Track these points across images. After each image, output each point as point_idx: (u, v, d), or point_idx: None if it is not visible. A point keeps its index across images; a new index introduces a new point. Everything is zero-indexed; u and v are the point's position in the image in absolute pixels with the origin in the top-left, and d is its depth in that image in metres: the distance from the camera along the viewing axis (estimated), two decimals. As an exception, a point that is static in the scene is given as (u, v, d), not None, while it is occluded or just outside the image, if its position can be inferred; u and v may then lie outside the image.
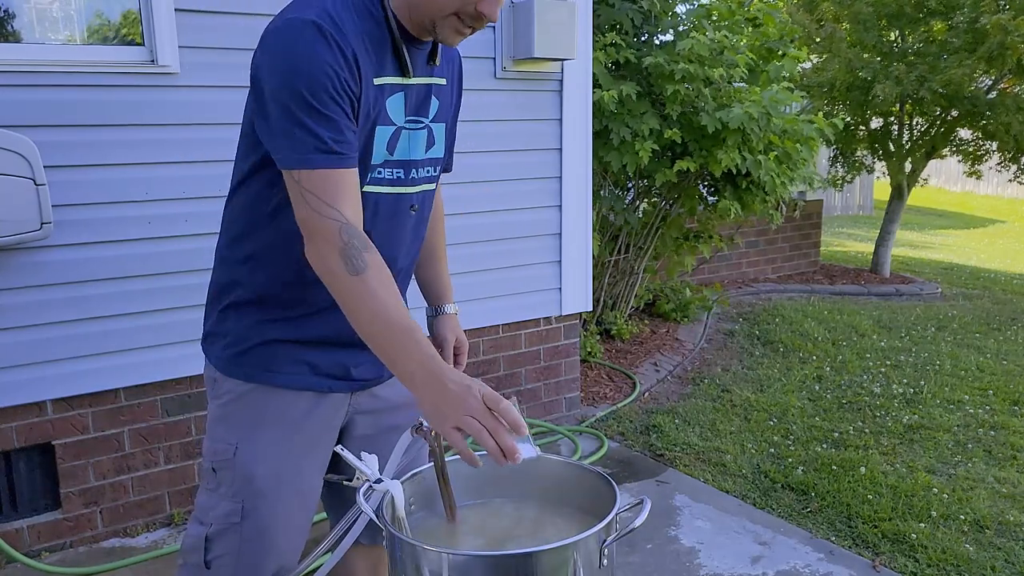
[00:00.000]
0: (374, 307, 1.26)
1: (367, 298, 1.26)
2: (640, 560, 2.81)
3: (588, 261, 3.99)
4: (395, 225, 1.49)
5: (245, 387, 1.49)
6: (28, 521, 2.84)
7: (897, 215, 7.83)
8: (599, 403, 4.35)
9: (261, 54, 1.32)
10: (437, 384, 1.20)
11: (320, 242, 1.28)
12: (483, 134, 3.53)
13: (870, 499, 3.23)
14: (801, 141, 4.80)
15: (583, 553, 1.17)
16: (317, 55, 1.27)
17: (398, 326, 1.25)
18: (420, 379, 1.22)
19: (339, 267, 1.27)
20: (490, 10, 1.33)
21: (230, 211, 1.50)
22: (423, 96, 1.48)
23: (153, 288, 2.88)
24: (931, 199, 15.54)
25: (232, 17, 2.89)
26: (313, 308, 1.48)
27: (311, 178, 1.28)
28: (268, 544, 1.50)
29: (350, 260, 1.26)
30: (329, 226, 1.27)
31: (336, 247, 1.27)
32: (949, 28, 6.69)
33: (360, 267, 1.26)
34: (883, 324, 6.00)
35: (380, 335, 1.26)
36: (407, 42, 1.41)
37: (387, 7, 1.37)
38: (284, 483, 1.50)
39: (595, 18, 4.43)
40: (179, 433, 3.05)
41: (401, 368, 1.25)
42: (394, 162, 1.45)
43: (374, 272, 1.27)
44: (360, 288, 1.27)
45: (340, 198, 1.28)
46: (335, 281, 1.29)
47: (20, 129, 2.56)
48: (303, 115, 1.26)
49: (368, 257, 1.28)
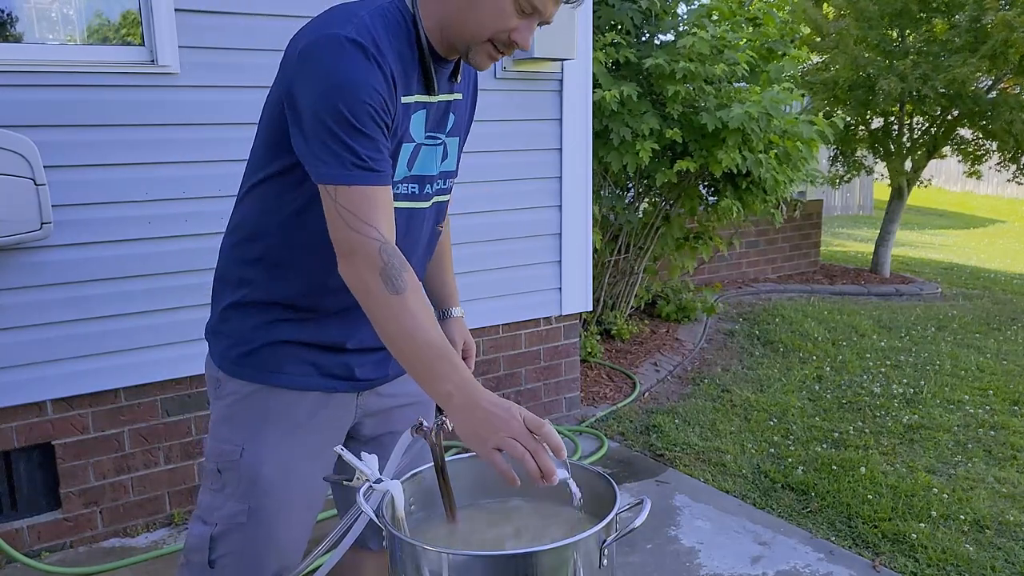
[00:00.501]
0: (412, 327, 1.26)
1: (406, 318, 1.26)
2: (640, 560, 2.81)
3: (588, 261, 3.99)
4: (409, 239, 1.49)
5: (250, 388, 1.49)
6: (28, 521, 2.84)
7: (897, 215, 7.83)
8: (599, 403, 4.35)
9: (300, 66, 1.30)
10: (477, 409, 1.21)
11: (359, 261, 1.28)
12: (483, 134, 3.51)
13: (870, 499, 3.23)
14: (802, 141, 4.80)
15: (583, 553, 1.17)
16: (359, 74, 1.26)
17: (436, 348, 1.26)
18: (458, 402, 1.23)
19: (379, 287, 1.27)
20: (523, 39, 1.35)
21: (244, 209, 1.49)
22: (443, 112, 1.48)
23: (153, 288, 2.87)
24: (931, 199, 15.54)
25: (232, 17, 2.89)
26: (324, 313, 1.48)
27: (349, 195, 1.27)
28: (273, 543, 1.50)
29: (390, 280, 1.26)
30: (369, 245, 1.27)
31: (376, 267, 1.26)
32: (951, 27, 6.70)
33: (400, 287, 1.27)
34: (883, 324, 6.00)
35: (416, 355, 1.27)
36: (434, 60, 1.41)
37: (420, 26, 1.37)
38: (290, 484, 1.50)
39: (595, 18, 4.43)
40: (179, 433, 3.05)
41: (436, 389, 1.26)
42: (411, 177, 1.45)
43: (412, 292, 1.28)
44: (399, 308, 1.26)
45: (377, 216, 1.28)
46: (372, 300, 1.28)
47: (20, 129, 2.55)
48: (343, 133, 1.26)
49: (407, 277, 1.28)
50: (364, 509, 1.25)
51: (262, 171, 1.43)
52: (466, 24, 1.35)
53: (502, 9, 1.32)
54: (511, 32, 1.34)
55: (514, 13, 1.32)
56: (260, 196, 1.45)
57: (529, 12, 1.33)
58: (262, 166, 1.43)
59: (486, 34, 1.34)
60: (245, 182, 1.48)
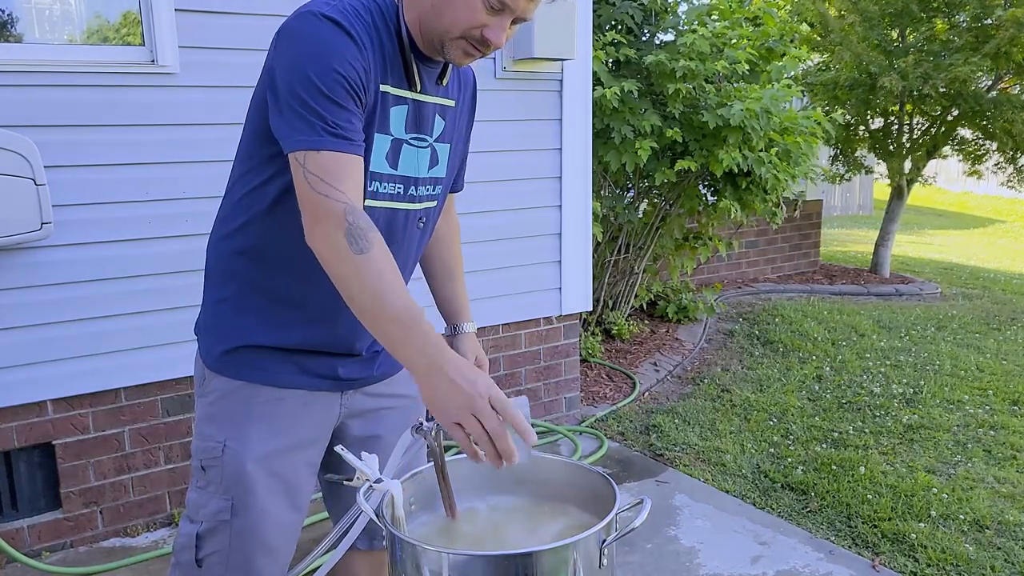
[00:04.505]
0: (377, 287, 1.23)
1: (372, 277, 1.23)
2: (640, 560, 2.81)
3: (588, 261, 3.99)
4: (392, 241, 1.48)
5: (233, 384, 1.49)
6: (28, 521, 2.84)
7: (897, 215, 7.83)
8: (599, 403, 4.35)
9: (276, 43, 1.33)
10: (440, 375, 1.18)
11: (324, 223, 1.25)
12: (483, 134, 3.50)
13: (870, 499, 3.23)
14: (802, 137, 4.80)
15: (583, 553, 1.17)
16: (330, 45, 1.28)
17: (403, 310, 1.22)
18: (423, 367, 1.20)
19: (343, 246, 1.23)
20: (495, 36, 1.34)
21: (231, 201, 1.49)
22: (428, 114, 1.47)
23: (153, 288, 2.88)
24: (931, 199, 15.55)
25: (232, 17, 2.89)
26: (311, 310, 1.48)
27: (317, 159, 1.26)
28: (258, 541, 1.50)
29: (355, 240, 1.23)
30: (335, 207, 1.24)
31: (341, 227, 1.23)
32: (951, 27, 6.70)
33: (365, 247, 1.23)
34: (883, 324, 6.00)
35: (382, 317, 1.23)
36: (418, 59, 1.42)
37: (402, 20, 1.38)
38: (273, 480, 1.49)
39: (595, 17, 4.43)
40: (179, 433, 3.05)
41: (403, 354, 1.23)
42: (396, 177, 1.45)
43: (379, 252, 1.25)
44: (364, 268, 1.23)
45: (344, 181, 1.27)
46: (338, 261, 1.25)
47: (20, 129, 2.56)
48: (311, 99, 1.26)
49: (373, 237, 1.25)
50: (364, 509, 1.25)
51: (248, 161, 1.43)
52: (439, 19, 1.35)
53: (472, 5, 1.32)
54: (482, 29, 1.34)
55: (483, 9, 1.32)
56: (246, 186, 1.45)
57: (498, 9, 1.32)
58: (248, 155, 1.43)
59: (457, 31, 1.34)
60: (232, 173, 1.48)
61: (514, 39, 3.52)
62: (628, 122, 4.44)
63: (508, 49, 3.53)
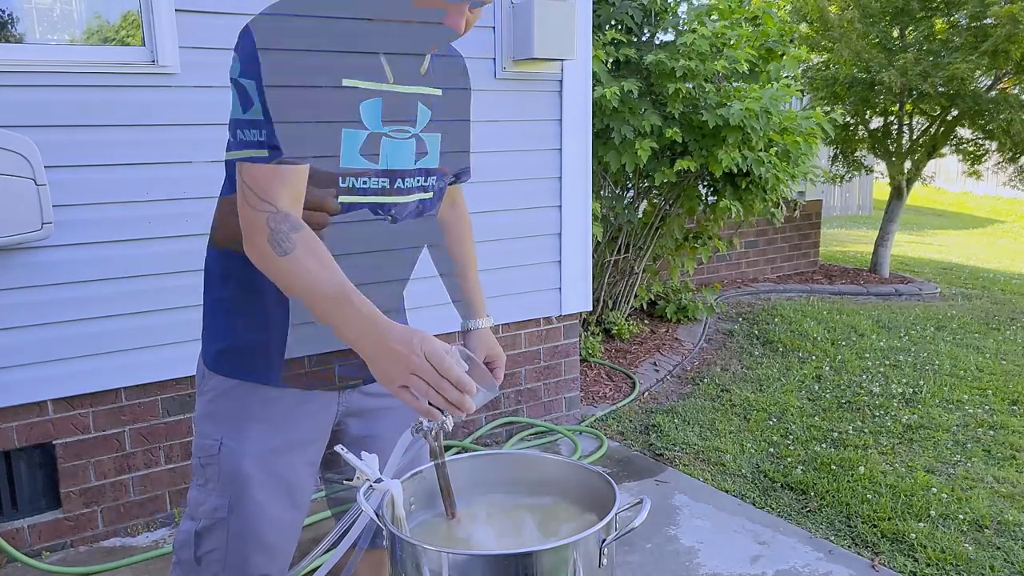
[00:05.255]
0: (309, 283, 1.27)
1: (300, 275, 1.28)
2: (640, 559, 2.81)
3: (588, 261, 4.00)
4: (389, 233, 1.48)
5: (230, 383, 1.50)
6: (29, 521, 2.84)
7: (896, 215, 7.84)
8: (599, 403, 4.35)
9: None
10: (379, 346, 1.21)
11: (252, 234, 1.31)
12: (483, 134, 3.52)
13: (869, 499, 3.24)
14: (802, 137, 4.80)
15: (583, 553, 1.17)
16: (251, 53, 1.33)
17: (332, 295, 1.26)
18: (363, 344, 1.23)
19: (268, 252, 1.28)
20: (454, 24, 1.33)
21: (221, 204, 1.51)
22: (408, 105, 1.46)
23: (153, 288, 2.88)
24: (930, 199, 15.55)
25: (232, 17, 2.89)
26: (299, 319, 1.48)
27: (250, 171, 1.31)
28: (256, 539, 1.50)
29: (278, 243, 1.28)
30: (259, 218, 1.29)
31: (264, 235, 1.28)
32: (950, 27, 6.70)
33: (289, 248, 1.28)
34: (882, 324, 6.00)
35: (319, 308, 1.28)
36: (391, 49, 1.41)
37: None
38: (270, 478, 1.50)
39: (595, 16, 4.43)
40: (179, 433, 3.05)
41: (346, 336, 1.26)
42: (378, 171, 1.44)
43: (303, 249, 1.28)
44: (291, 267, 1.28)
45: (275, 191, 1.30)
46: (269, 266, 1.30)
47: (20, 129, 2.56)
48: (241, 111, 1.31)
49: (296, 237, 1.29)
50: (364, 509, 1.25)
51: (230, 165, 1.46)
52: None
53: None
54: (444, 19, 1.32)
55: None
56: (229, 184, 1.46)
57: None
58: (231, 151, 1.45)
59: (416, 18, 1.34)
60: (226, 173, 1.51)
61: (514, 39, 3.52)
62: (628, 122, 4.44)
63: (508, 50, 3.54)
